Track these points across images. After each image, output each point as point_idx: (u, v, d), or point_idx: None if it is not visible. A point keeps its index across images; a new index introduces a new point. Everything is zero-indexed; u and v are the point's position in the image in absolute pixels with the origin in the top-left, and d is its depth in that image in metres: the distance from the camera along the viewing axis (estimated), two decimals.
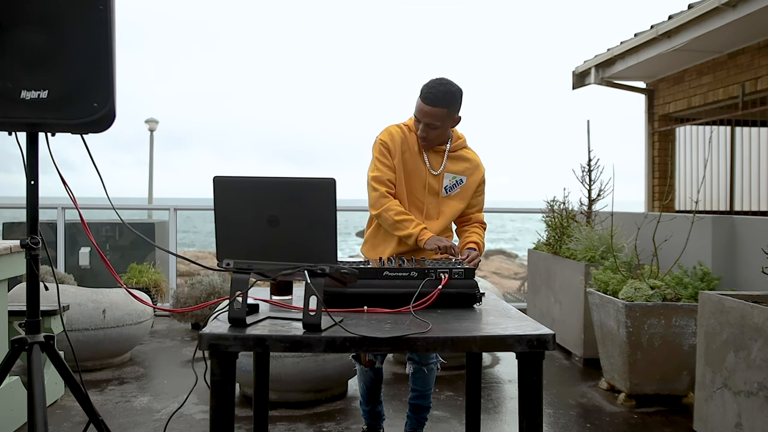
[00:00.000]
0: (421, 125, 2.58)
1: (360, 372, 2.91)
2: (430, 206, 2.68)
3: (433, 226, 2.66)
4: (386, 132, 2.69)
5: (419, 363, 2.80)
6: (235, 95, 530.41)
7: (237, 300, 1.63)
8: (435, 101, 2.51)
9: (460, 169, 2.71)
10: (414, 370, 2.84)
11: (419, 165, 2.67)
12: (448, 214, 2.69)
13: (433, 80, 2.56)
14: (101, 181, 2.02)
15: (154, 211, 9.67)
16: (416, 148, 2.68)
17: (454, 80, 2.58)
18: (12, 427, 3.12)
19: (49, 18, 1.80)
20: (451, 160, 2.70)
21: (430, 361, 2.81)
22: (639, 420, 3.48)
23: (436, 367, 2.85)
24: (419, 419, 2.92)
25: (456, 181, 2.70)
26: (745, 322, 2.71)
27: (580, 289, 4.48)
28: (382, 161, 2.65)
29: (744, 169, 7.11)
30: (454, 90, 2.54)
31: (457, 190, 2.70)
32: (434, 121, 2.54)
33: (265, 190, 1.69)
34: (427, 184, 2.67)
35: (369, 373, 2.88)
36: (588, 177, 5.25)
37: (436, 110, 2.52)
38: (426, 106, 2.52)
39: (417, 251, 2.63)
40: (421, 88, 2.56)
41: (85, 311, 4.24)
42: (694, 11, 5.69)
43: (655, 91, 7.94)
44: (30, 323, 1.96)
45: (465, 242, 2.68)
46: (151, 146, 18.85)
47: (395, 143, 2.65)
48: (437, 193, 2.68)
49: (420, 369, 2.82)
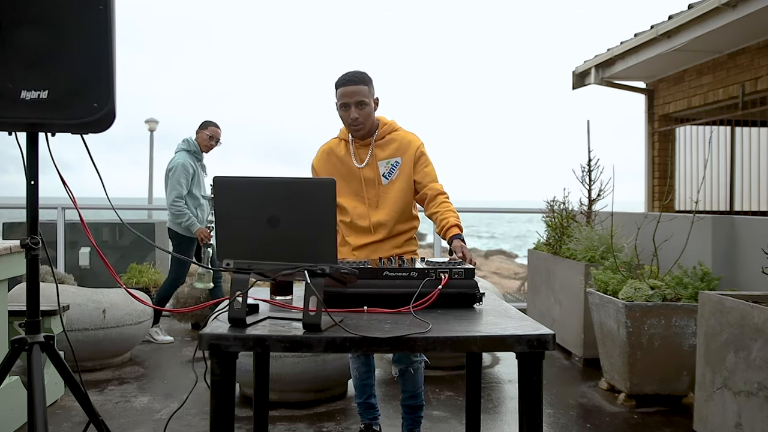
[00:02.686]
0: (351, 109, 2.62)
1: (353, 361, 2.94)
2: (371, 198, 2.73)
3: (379, 216, 2.70)
4: (316, 155, 2.83)
5: (405, 365, 2.85)
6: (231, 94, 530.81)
7: (237, 300, 1.63)
8: (355, 80, 2.62)
9: (390, 153, 2.73)
10: (401, 373, 2.87)
11: (349, 164, 2.73)
12: (390, 199, 2.72)
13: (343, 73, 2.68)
14: (101, 181, 2.02)
15: (153, 211, 9.67)
16: (343, 153, 2.75)
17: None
18: (12, 427, 3.12)
19: (49, 18, 1.80)
20: (379, 148, 2.74)
21: (415, 360, 2.85)
22: (639, 420, 3.48)
23: (421, 366, 2.89)
24: (415, 419, 2.94)
25: (392, 165, 2.73)
26: (745, 322, 2.71)
27: (580, 290, 4.48)
28: None
29: (744, 169, 7.11)
30: (365, 72, 2.68)
31: (396, 173, 2.73)
32: (362, 97, 2.62)
33: (265, 190, 1.69)
34: (363, 177, 2.71)
35: (362, 359, 2.90)
36: (588, 177, 5.25)
37: (359, 87, 2.62)
38: (349, 87, 2.62)
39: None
40: (336, 82, 2.66)
41: (85, 311, 4.24)
42: (694, 11, 5.69)
43: (655, 91, 7.94)
44: (30, 323, 1.96)
45: (443, 226, 2.59)
46: (151, 146, 18.86)
47: (321, 162, 2.78)
48: (375, 183, 2.72)
49: (407, 370, 2.86)
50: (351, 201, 2.74)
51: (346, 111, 2.64)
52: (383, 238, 2.72)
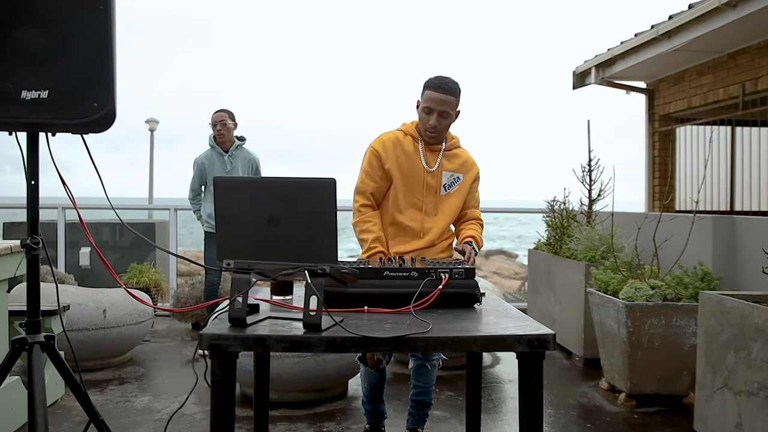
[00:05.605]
0: (434, 116, 2.61)
1: (364, 373, 2.92)
2: (428, 204, 2.71)
3: (433, 224, 2.70)
4: (378, 140, 2.75)
5: (422, 359, 2.84)
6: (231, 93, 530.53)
7: (237, 300, 1.63)
8: (448, 90, 2.60)
9: (456, 167, 2.75)
10: (417, 367, 2.88)
11: (415, 165, 2.70)
12: (447, 210, 2.73)
13: (436, 76, 2.65)
14: (101, 181, 2.02)
15: (153, 211, 9.67)
16: (411, 149, 2.71)
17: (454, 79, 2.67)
18: (12, 427, 3.12)
19: (50, 18, 1.80)
20: (447, 158, 2.74)
21: (433, 357, 2.85)
22: (639, 420, 3.48)
23: (438, 363, 2.89)
24: (421, 416, 2.95)
25: (454, 178, 2.75)
26: (746, 322, 2.71)
27: (580, 289, 4.48)
28: (367, 171, 2.72)
29: (744, 169, 7.11)
30: (458, 83, 2.65)
31: (455, 188, 2.75)
32: (448, 109, 2.61)
33: (265, 190, 1.69)
34: (425, 182, 2.70)
35: (374, 374, 2.90)
36: (588, 177, 5.25)
37: (450, 98, 2.60)
38: (440, 95, 2.59)
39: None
40: (428, 82, 2.63)
41: (86, 311, 4.24)
42: (695, 11, 5.69)
43: (656, 91, 7.94)
44: (30, 323, 1.96)
45: (462, 237, 2.72)
46: (151, 146, 18.87)
47: (387, 150, 2.71)
48: (435, 192, 2.72)
49: (423, 365, 2.86)
50: (404, 200, 2.71)
51: (428, 115, 2.63)
52: (429, 245, 2.71)
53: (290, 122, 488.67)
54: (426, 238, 2.69)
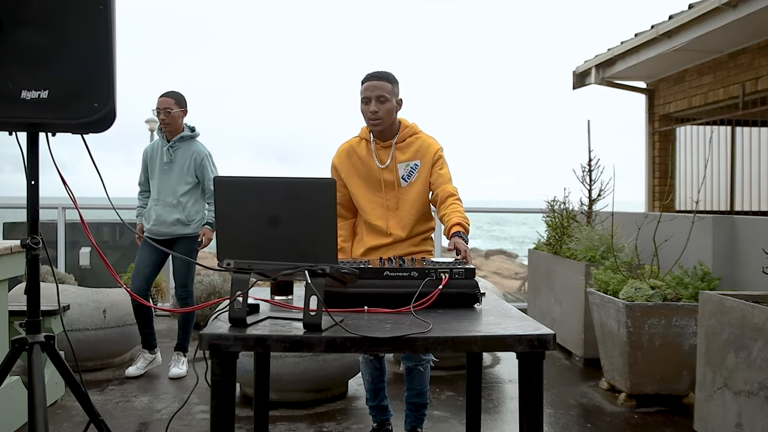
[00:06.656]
0: (372, 103, 2.65)
1: (365, 366, 2.94)
2: (390, 200, 2.75)
3: (397, 219, 2.73)
4: (336, 153, 2.85)
5: (414, 363, 2.86)
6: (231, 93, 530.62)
7: (237, 300, 1.63)
8: (379, 76, 2.67)
9: (410, 156, 2.76)
10: (408, 370, 2.89)
11: (370, 166, 2.75)
12: (409, 201, 2.75)
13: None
14: (101, 181, 2.02)
15: None
16: (364, 153, 2.76)
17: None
18: (12, 427, 3.12)
19: (49, 18, 1.80)
20: (399, 151, 2.76)
21: (424, 359, 2.87)
22: (639, 420, 3.48)
23: (430, 364, 2.92)
24: (418, 416, 2.97)
25: (411, 168, 2.75)
26: (746, 322, 2.71)
27: (580, 289, 4.48)
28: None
29: (744, 169, 7.11)
30: (392, 72, 2.72)
31: (414, 176, 2.75)
32: (383, 92, 2.64)
33: (265, 190, 1.69)
34: (383, 180, 2.74)
35: (374, 363, 2.91)
36: (588, 177, 5.25)
37: (381, 83, 2.66)
38: (371, 82, 2.66)
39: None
40: (362, 79, 2.71)
41: (86, 311, 4.24)
42: (695, 11, 5.68)
43: (656, 91, 7.94)
44: (30, 323, 1.96)
45: (449, 227, 2.60)
46: None
47: (341, 160, 2.80)
48: (395, 186, 2.74)
49: (415, 368, 2.88)
50: (369, 202, 2.76)
51: (366, 105, 2.67)
52: (400, 239, 2.73)
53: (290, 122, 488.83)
54: (393, 234, 2.72)
